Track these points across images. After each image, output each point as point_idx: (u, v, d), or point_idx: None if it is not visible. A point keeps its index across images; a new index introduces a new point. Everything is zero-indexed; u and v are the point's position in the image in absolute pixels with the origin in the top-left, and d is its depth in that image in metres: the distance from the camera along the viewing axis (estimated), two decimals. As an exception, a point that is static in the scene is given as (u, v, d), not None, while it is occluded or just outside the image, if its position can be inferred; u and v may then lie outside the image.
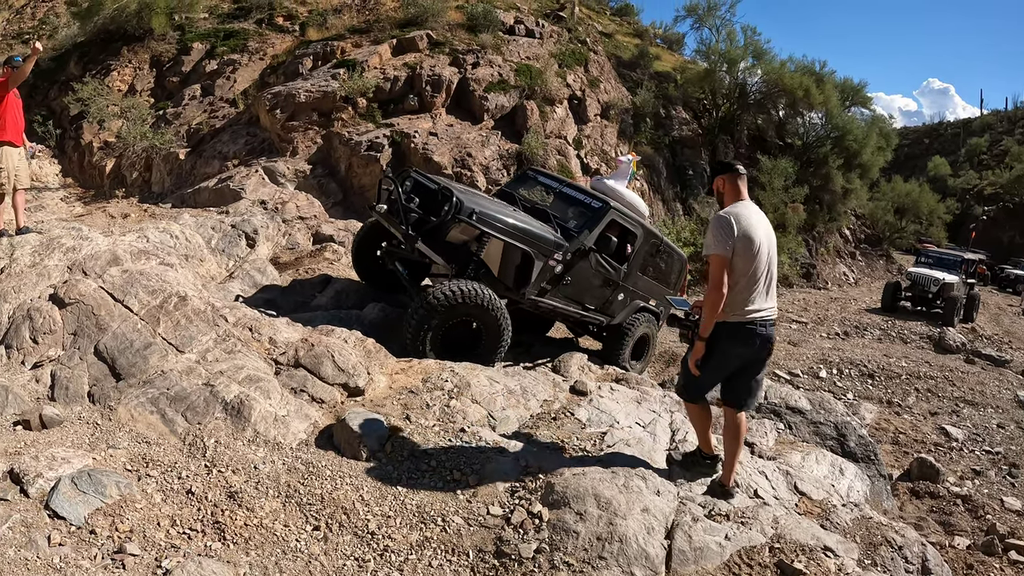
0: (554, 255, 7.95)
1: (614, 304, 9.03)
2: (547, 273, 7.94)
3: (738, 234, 4.38)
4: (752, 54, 25.45)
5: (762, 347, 4.57)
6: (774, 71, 24.53)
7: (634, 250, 9.00)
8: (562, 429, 5.54)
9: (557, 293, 8.23)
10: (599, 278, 8.62)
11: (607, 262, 8.61)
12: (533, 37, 19.39)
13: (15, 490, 4.08)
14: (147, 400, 5.14)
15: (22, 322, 5.82)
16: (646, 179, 20.16)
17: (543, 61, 18.43)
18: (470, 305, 6.95)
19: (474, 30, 18.15)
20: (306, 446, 4.97)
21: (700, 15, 28.41)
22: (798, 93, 24.00)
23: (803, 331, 17.07)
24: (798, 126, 27.05)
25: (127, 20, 18.32)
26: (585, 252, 8.24)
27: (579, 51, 20.72)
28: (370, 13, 19.43)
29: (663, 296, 9.68)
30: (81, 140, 16.68)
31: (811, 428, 7.41)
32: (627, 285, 9.04)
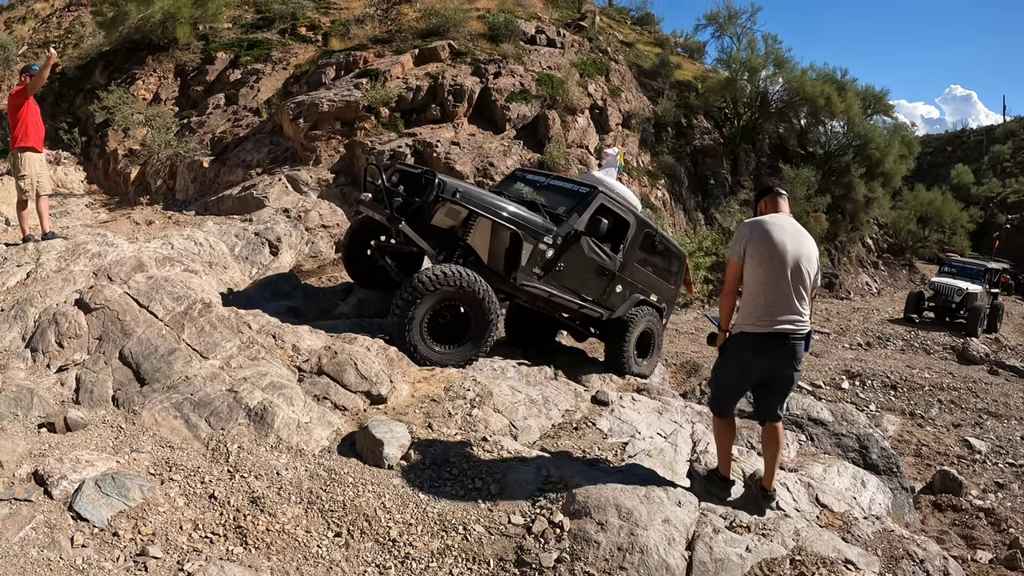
0: (544, 238, 7.72)
1: (612, 296, 8.75)
2: (538, 257, 7.71)
3: (751, 239, 4.41)
4: (773, 62, 25.37)
5: (786, 362, 4.51)
6: (795, 79, 24.43)
7: (628, 239, 8.72)
8: (584, 439, 5.54)
9: (550, 280, 7.95)
10: (593, 267, 8.35)
11: (601, 249, 8.37)
12: (554, 47, 19.43)
13: (39, 491, 4.14)
14: (171, 405, 5.19)
15: (48, 326, 5.89)
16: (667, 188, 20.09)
17: (564, 71, 18.46)
18: (457, 288, 6.78)
19: (496, 40, 18.21)
20: (328, 453, 5.00)
21: (721, 23, 28.39)
22: (819, 101, 23.89)
23: (825, 342, 16.95)
24: (820, 135, 26.91)
25: (152, 30, 18.54)
26: (576, 236, 7.98)
27: (600, 60, 20.73)
28: (392, 23, 19.56)
29: (667, 292, 9.62)
30: (106, 147, 16.89)
31: (833, 440, 7.35)
32: (625, 276, 8.77)
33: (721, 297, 4.63)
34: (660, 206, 19.29)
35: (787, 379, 4.61)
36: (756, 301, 4.42)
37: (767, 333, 4.43)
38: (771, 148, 25.96)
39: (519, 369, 7.64)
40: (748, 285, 4.45)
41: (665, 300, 9.64)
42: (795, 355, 4.50)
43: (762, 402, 4.74)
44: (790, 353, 4.48)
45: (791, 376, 4.61)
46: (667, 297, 9.74)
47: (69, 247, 7.30)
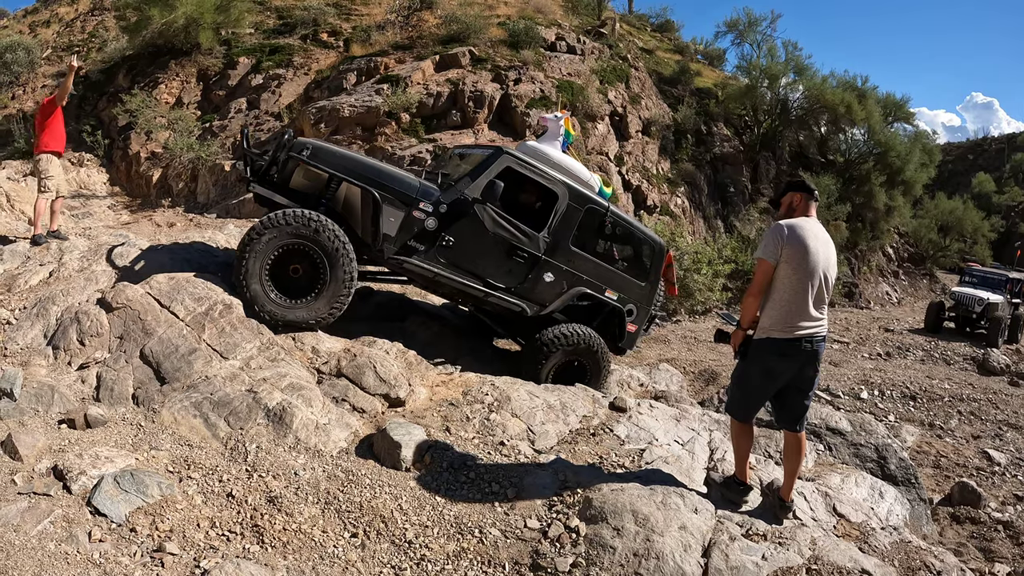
0: (419, 204, 6.71)
1: (539, 286, 7.26)
2: (413, 227, 6.69)
3: (788, 242, 4.37)
4: (793, 69, 25.34)
5: (807, 363, 4.52)
6: (815, 87, 24.37)
7: (557, 214, 7.22)
8: (601, 445, 5.53)
9: (434, 256, 6.83)
10: (503, 245, 7.03)
11: (510, 224, 7.05)
12: (574, 53, 19.50)
13: (58, 486, 4.20)
14: (191, 404, 5.24)
15: (70, 324, 5.97)
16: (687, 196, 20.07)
17: (584, 77, 18.52)
18: (303, 233, 6.24)
19: (516, 46, 18.30)
20: (346, 454, 5.03)
21: (741, 31, 28.37)
22: (840, 109, 23.81)
23: (845, 351, 16.84)
24: (840, 142, 26.83)
25: (175, 35, 18.80)
26: (468, 204, 6.84)
27: (620, 67, 20.77)
28: (413, 30, 19.71)
29: (634, 289, 7.86)
30: (129, 150, 17.10)
31: (851, 450, 7.29)
32: (558, 263, 7.27)
33: (747, 296, 4.54)
34: (680, 213, 19.27)
35: (810, 379, 4.62)
36: (787, 307, 4.40)
37: (797, 338, 4.44)
38: (791, 156, 25.88)
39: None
40: (779, 289, 4.42)
41: (632, 299, 7.87)
42: (818, 356, 4.54)
43: (785, 406, 4.72)
44: (813, 355, 4.51)
45: (814, 376, 4.63)
46: (635, 296, 7.90)
47: (91, 247, 7.40)
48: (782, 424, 4.82)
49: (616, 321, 7.78)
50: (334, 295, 6.44)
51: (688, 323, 16.78)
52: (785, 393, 4.65)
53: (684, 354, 13.60)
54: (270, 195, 6.69)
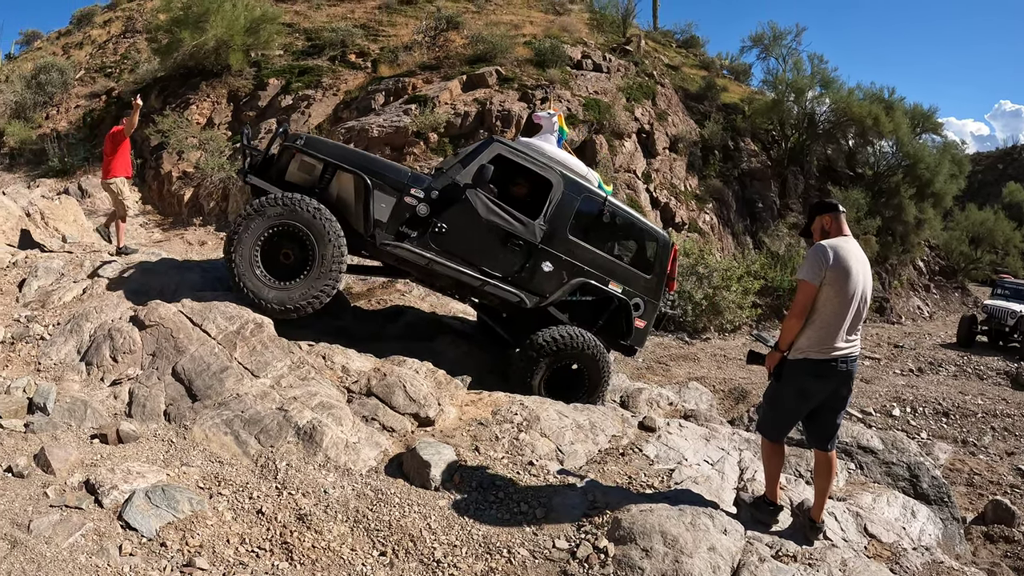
0: (410, 190, 6.70)
1: (537, 275, 7.07)
2: (405, 213, 6.68)
3: (832, 264, 4.33)
4: (819, 83, 25.20)
5: (842, 383, 4.50)
6: (842, 99, 24.21)
7: (552, 202, 7.08)
8: (630, 465, 5.50)
9: (426, 243, 6.76)
10: (498, 233, 6.92)
11: (504, 210, 6.97)
12: (600, 71, 19.57)
13: (90, 500, 4.27)
14: (222, 421, 5.30)
15: (103, 341, 6.08)
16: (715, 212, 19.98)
17: (611, 95, 18.57)
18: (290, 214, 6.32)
19: (542, 65, 18.42)
20: (376, 473, 5.05)
21: (766, 45, 28.31)
22: (867, 121, 23.62)
23: (876, 367, 16.61)
24: (868, 155, 26.58)
25: (206, 57, 19.14)
26: (459, 189, 6.79)
27: (646, 84, 20.80)
28: (440, 50, 19.91)
29: (639, 281, 7.58)
30: (161, 169, 17.39)
31: (883, 468, 7.18)
32: (556, 252, 7.09)
33: (789, 318, 4.47)
34: (708, 230, 19.20)
35: (843, 398, 4.59)
36: (827, 329, 4.37)
37: (833, 359, 4.41)
38: (819, 170, 25.69)
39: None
40: (820, 311, 4.39)
41: (638, 292, 7.57)
42: (852, 376, 4.51)
43: (816, 425, 4.67)
44: (847, 375, 4.48)
45: (847, 396, 4.61)
46: (641, 289, 7.59)
47: (125, 265, 7.53)
48: (813, 443, 4.78)
49: (623, 316, 7.54)
50: (321, 277, 6.45)
51: (718, 341, 16.65)
52: (817, 412, 4.61)
53: (714, 372, 13.50)
54: (265, 187, 6.75)
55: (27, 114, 21.44)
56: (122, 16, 28.30)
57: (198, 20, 18.66)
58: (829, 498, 4.95)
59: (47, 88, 22.10)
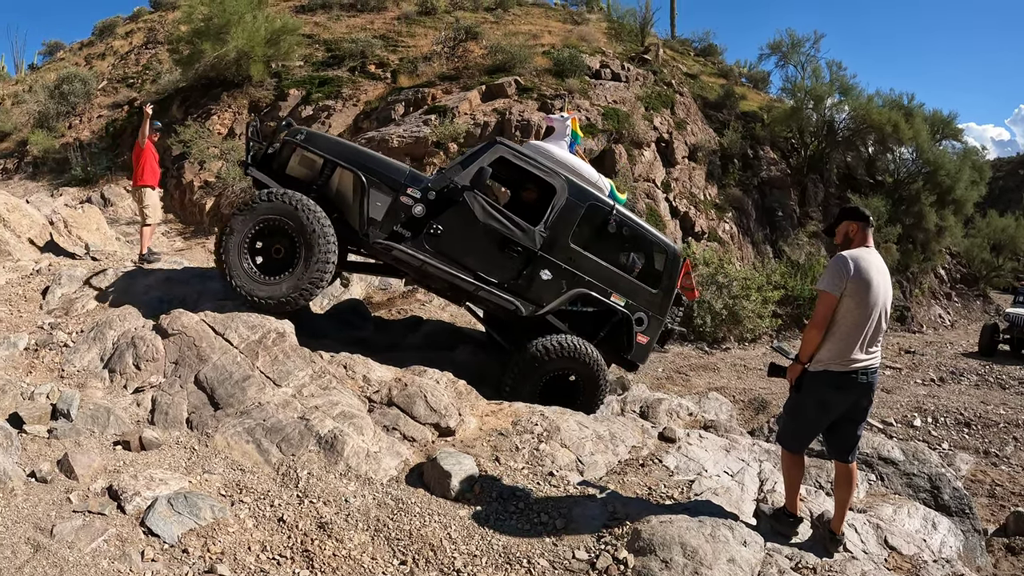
0: (407, 189, 6.62)
1: (535, 283, 6.89)
2: (400, 213, 6.60)
3: (853, 276, 4.31)
4: (838, 90, 25.06)
5: (863, 395, 4.48)
6: (861, 106, 24.06)
7: (555, 208, 6.89)
8: (650, 476, 5.49)
9: (421, 244, 6.65)
10: (495, 237, 6.77)
11: (503, 215, 6.81)
12: (619, 81, 19.58)
13: (112, 506, 4.33)
14: (243, 430, 5.35)
15: (126, 349, 6.16)
16: (735, 221, 19.90)
17: (630, 104, 18.58)
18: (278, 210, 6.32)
19: (561, 75, 18.48)
20: (396, 482, 5.08)
21: (784, 52, 28.13)
22: (887, 128, 23.46)
23: (897, 377, 16.46)
24: (888, 162, 26.38)
25: (227, 68, 19.33)
26: (457, 191, 6.67)
27: (665, 93, 20.80)
28: (459, 61, 20.02)
29: (644, 296, 7.33)
30: (183, 179, 17.56)
31: (904, 480, 7.13)
32: (556, 260, 6.90)
33: (809, 329, 4.45)
34: (728, 239, 19.13)
35: (864, 409, 4.58)
36: (847, 341, 4.35)
37: (853, 371, 4.39)
38: (839, 178, 25.55)
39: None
40: (840, 323, 4.37)
41: (642, 307, 7.32)
42: (872, 388, 4.50)
43: (836, 436, 4.65)
44: (868, 387, 4.46)
45: (867, 407, 4.59)
46: (645, 303, 7.34)
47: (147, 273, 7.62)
48: (833, 455, 4.76)
49: (624, 330, 7.31)
50: (308, 271, 6.41)
51: (737, 350, 16.57)
52: (837, 424, 4.59)
53: (734, 382, 13.44)
54: (265, 180, 6.78)
55: (50, 124, 21.73)
56: (144, 27, 28.64)
57: (219, 32, 18.87)
58: (849, 510, 4.93)
59: (70, 98, 22.39)
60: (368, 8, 25.26)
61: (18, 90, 25.69)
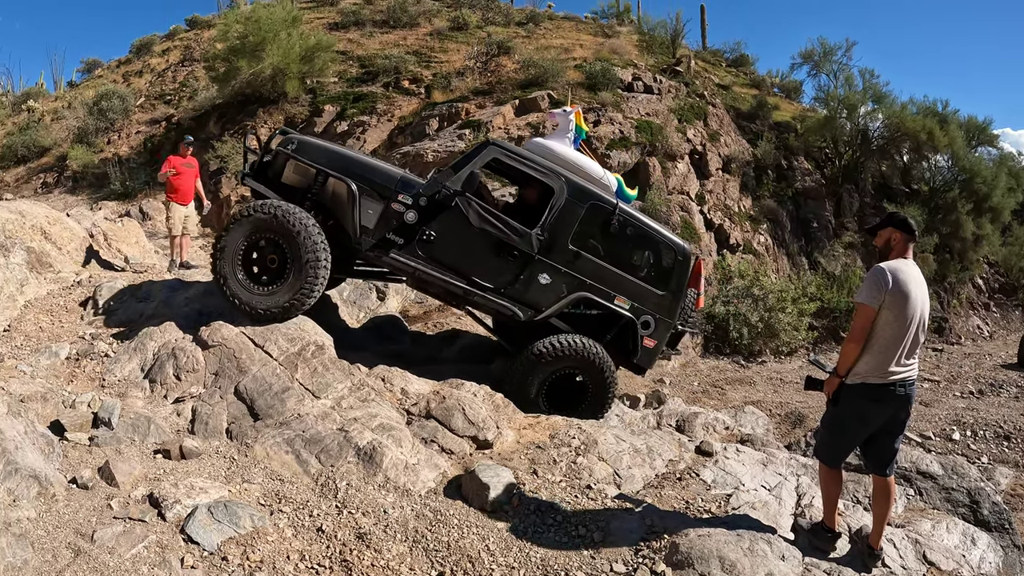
0: (398, 196, 6.55)
1: (533, 288, 6.76)
2: (392, 220, 6.54)
3: (892, 288, 4.29)
4: (871, 98, 24.76)
5: (901, 408, 4.45)
6: (895, 114, 23.76)
7: (553, 209, 6.72)
8: (687, 489, 5.47)
9: (413, 251, 6.59)
10: (490, 241, 6.65)
11: (498, 219, 6.69)
12: (651, 93, 19.54)
13: (153, 513, 4.41)
14: (283, 440, 5.41)
15: (167, 359, 6.26)
16: (770, 233, 19.71)
17: (663, 116, 18.54)
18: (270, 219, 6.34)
19: (594, 88, 18.49)
20: (434, 494, 5.11)
21: (816, 61, 27.90)
22: (921, 136, 23.14)
23: (935, 390, 16.17)
24: (923, 171, 25.98)
25: (262, 84, 19.60)
26: (449, 196, 6.57)
27: (698, 105, 20.72)
28: (492, 75, 20.11)
29: (651, 299, 7.11)
30: (220, 193, 17.83)
31: (942, 494, 7.02)
32: (555, 264, 6.75)
33: (847, 342, 4.42)
34: (763, 251, 18.98)
35: (902, 422, 4.56)
36: (884, 353, 4.33)
37: (891, 383, 4.37)
38: (874, 187, 25.22)
39: (622, 418, 7.56)
40: (878, 335, 4.34)
41: (649, 310, 7.12)
42: (910, 400, 4.47)
43: (874, 450, 4.62)
44: (906, 399, 4.43)
45: (905, 419, 4.57)
46: (652, 306, 7.14)
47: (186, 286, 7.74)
48: (871, 468, 4.73)
49: (630, 334, 7.10)
50: (300, 282, 6.40)
51: (774, 364, 16.39)
52: (875, 437, 4.56)
53: (770, 396, 13.28)
54: (261, 189, 6.82)
55: (89, 139, 22.17)
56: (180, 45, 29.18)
57: (255, 49, 19.17)
58: (888, 525, 4.88)
59: (108, 114, 22.83)
60: (401, 24, 25.52)
61: (57, 107, 26.27)
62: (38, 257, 8.06)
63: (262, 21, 19.29)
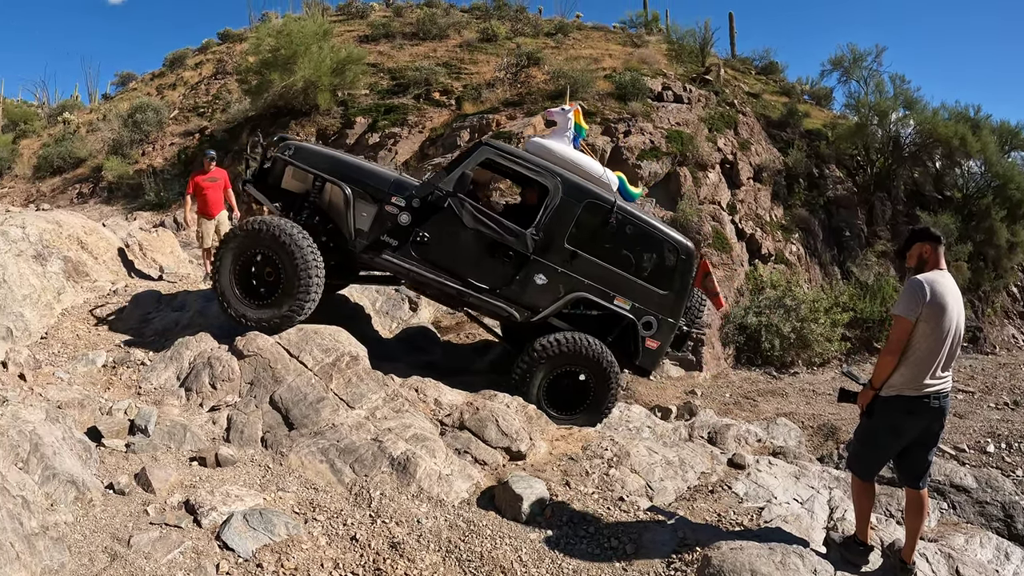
0: (391, 198, 6.60)
1: (529, 288, 6.74)
2: (386, 222, 6.60)
3: (929, 300, 4.28)
4: (903, 104, 24.40)
5: (935, 420, 4.43)
6: (927, 120, 23.39)
7: (548, 208, 6.69)
8: (719, 502, 5.46)
9: (407, 252, 6.63)
10: (485, 242, 6.66)
11: (491, 219, 6.69)
12: (681, 102, 19.43)
13: (189, 519, 4.48)
14: (317, 450, 5.48)
15: (202, 369, 6.36)
16: (802, 242, 19.50)
17: (693, 126, 18.44)
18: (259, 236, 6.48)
19: (623, 99, 18.44)
20: (468, 505, 5.15)
21: (846, 67, 27.52)
22: (953, 142, 22.76)
23: (970, 401, 15.91)
24: (956, 177, 25.59)
25: (294, 96, 19.78)
26: (442, 198, 6.60)
27: (728, 114, 20.58)
28: (522, 86, 20.14)
29: (652, 298, 7.02)
30: (253, 205, 18.02)
31: (976, 508, 6.94)
32: (551, 264, 6.72)
33: (884, 354, 4.42)
34: (795, 261, 18.80)
35: (936, 434, 4.53)
36: (921, 366, 4.31)
37: (926, 395, 4.35)
38: (907, 195, 24.86)
39: (654, 430, 7.54)
40: (915, 348, 4.33)
41: (651, 310, 7.04)
42: (944, 412, 4.44)
43: (907, 462, 4.60)
44: (940, 411, 4.41)
45: (939, 432, 4.54)
46: (654, 306, 7.05)
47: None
48: (904, 481, 4.70)
49: (631, 335, 7.03)
50: (292, 297, 6.51)
51: (806, 375, 16.22)
52: (909, 449, 4.53)
53: (802, 408, 13.16)
54: (259, 196, 7.01)
55: (124, 151, 22.51)
56: (212, 59, 29.57)
57: (286, 62, 19.38)
58: (920, 539, 4.84)
59: (143, 126, 23.18)
60: (430, 37, 25.69)
61: (92, 119, 26.73)
62: (75, 266, 8.20)
63: (294, 34, 19.52)
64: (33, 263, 7.67)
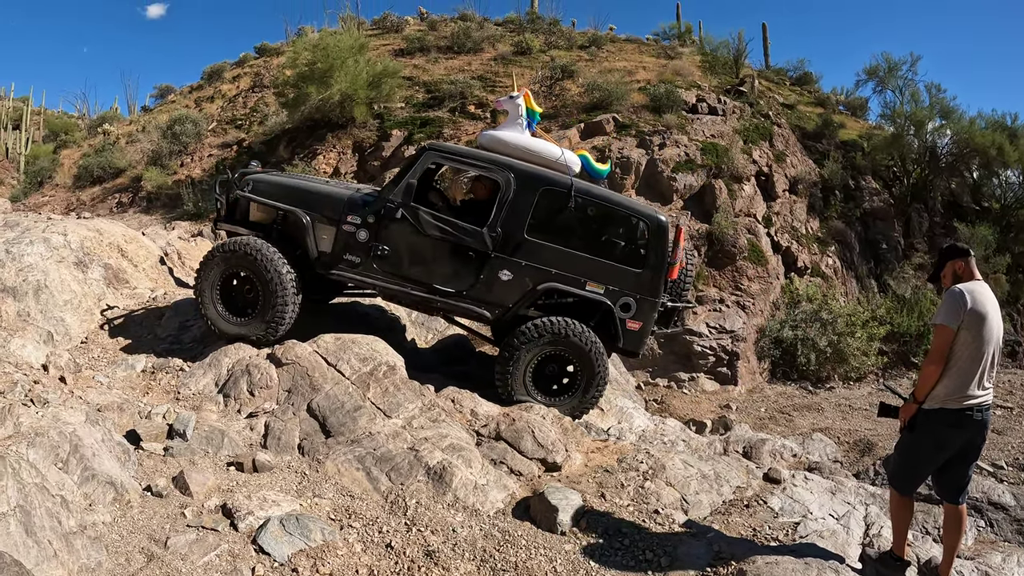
0: (347, 217, 6.64)
1: (496, 286, 6.67)
2: (345, 241, 6.67)
3: (970, 308, 4.27)
4: (939, 113, 24.06)
5: (977, 433, 4.40)
6: (963, 129, 23.03)
7: (502, 204, 6.59)
8: (755, 517, 5.43)
9: (370, 267, 6.69)
10: (444, 246, 6.65)
11: (446, 222, 6.64)
12: (716, 114, 19.36)
13: (225, 523, 4.56)
14: (354, 457, 5.55)
15: (240, 376, 6.46)
16: (838, 255, 19.27)
17: (728, 138, 18.36)
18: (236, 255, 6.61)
19: (658, 111, 18.42)
20: (503, 515, 5.18)
21: (881, 77, 27.17)
22: (991, 151, 22.37)
23: (1008, 417, 15.59)
24: (994, 187, 25.13)
25: (331, 109, 19.97)
26: (393, 209, 6.59)
27: (763, 125, 20.44)
28: (557, 99, 20.17)
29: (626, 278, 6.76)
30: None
31: (1014, 526, 6.81)
32: (515, 258, 6.62)
33: (926, 365, 4.38)
34: (831, 274, 18.61)
35: (977, 448, 4.51)
36: (963, 376, 4.29)
37: (968, 408, 4.33)
38: (944, 206, 24.48)
39: (688, 443, 7.52)
40: (957, 358, 4.31)
41: (628, 291, 6.76)
42: (986, 426, 4.42)
43: (947, 477, 4.57)
44: (982, 425, 4.39)
45: (980, 445, 4.52)
46: (630, 286, 6.77)
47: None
48: (943, 495, 4.68)
49: (610, 319, 6.82)
50: (269, 314, 6.66)
51: (842, 390, 16.04)
52: (949, 463, 4.50)
53: (838, 423, 13.01)
54: (234, 230, 7.09)
55: (163, 162, 22.88)
56: (250, 72, 29.97)
57: (323, 76, 19.58)
58: (957, 556, 4.78)
59: (181, 138, 23.54)
60: (465, 50, 25.82)
61: (131, 130, 27.23)
62: (115, 273, 8.35)
63: (330, 48, 19.72)
64: (74, 269, 7.82)
